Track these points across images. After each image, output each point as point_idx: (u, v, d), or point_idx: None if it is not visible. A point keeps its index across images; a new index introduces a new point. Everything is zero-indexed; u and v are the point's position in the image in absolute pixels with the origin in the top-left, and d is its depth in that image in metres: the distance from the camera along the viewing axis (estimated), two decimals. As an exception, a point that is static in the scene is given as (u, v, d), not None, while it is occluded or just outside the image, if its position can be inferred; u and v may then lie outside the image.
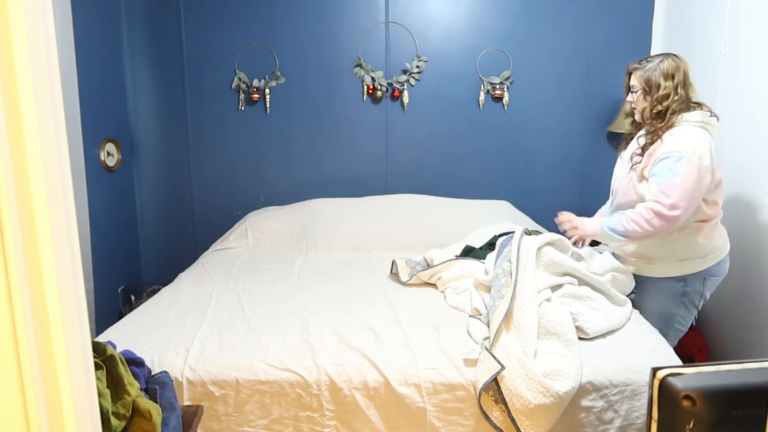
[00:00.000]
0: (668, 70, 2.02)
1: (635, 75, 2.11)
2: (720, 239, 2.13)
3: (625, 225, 2.04)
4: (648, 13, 3.29)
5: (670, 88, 2.01)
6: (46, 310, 0.60)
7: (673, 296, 2.14)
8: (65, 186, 0.64)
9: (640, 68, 2.09)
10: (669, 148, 1.98)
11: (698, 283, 2.12)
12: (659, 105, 2.03)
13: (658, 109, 2.03)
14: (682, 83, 2.02)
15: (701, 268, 2.10)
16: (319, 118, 3.51)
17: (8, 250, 0.57)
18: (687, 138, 1.97)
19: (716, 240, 2.12)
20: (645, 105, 2.08)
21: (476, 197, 3.44)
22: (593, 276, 2.07)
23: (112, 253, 3.35)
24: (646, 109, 2.08)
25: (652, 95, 2.05)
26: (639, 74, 2.08)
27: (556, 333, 1.80)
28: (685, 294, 2.13)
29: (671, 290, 2.14)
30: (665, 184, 1.96)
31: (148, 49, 3.50)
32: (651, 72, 2.05)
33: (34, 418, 0.60)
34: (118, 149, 3.40)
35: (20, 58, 0.57)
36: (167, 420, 1.24)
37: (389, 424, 1.74)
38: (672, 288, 2.14)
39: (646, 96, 2.07)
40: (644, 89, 2.07)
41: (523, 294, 1.89)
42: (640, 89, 2.09)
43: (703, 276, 2.11)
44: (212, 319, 2.10)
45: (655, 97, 2.03)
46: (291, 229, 3.22)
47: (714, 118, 2.03)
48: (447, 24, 3.39)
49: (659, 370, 0.51)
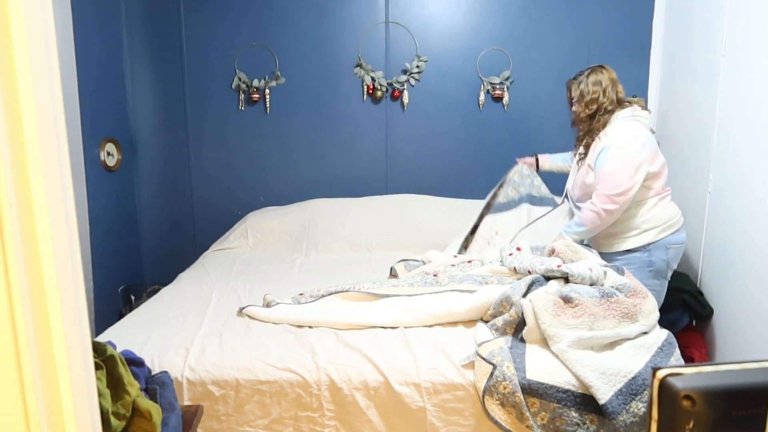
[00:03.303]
0: (596, 78, 2.42)
1: (573, 87, 2.49)
2: (673, 210, 2.43)
3: (582, 218, 2.38)
4: (648, 13, 3.29)
5: (598, 92, 2.40)
6: (46, 310, 0.60)
7: (641, 267, 2.38)
8: (65, 186, 0.64)
9: (575, 81, 2.48)
10: (605, 143, 2.34)
11: (662, 252, 2.39)
12: (588, 108, 2.42)
13: (589, 111, 2.42)
14: (610, 86, 2.40)
15: (661, 237, 2.38)
16: (319, 118, 3.51)
17: (8, 250, 0.57)
18: (619, 132, 2.33)
19: (670, 211, 2.41)
20: (579, 109, 2.46)
21: (476, 197, 3.43)
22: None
23: (112, 253, 3.34)
24: (580, 112, 2.46)
25: (584, 100, 2.43)
26: (575, 86, 2.47)
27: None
28: (651, 264, 2.38)
29: (638, 261, 2.39)
30: (604, 173, 2.31)
31: (148, 49, 3.50)
32: (583, 82, 2.44)
33: (34, 418, 0.60)
34: (118, 149, 3.40)
35: (20, 58, 0.57)
36: (167, 420, 1.24)
37: (389, 424, 1.74)
38: (639, 259, 2.39)
39: (580, 102, 2.45)
40: (579, 97, 2.44)
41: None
42: (577, 98, 2.46)
43: (665, 245, 2.38)
44: (212, 319, 2.10)
45: (586, 102, 2.42)
46: (291, 229, 3.22)
47: (645, 111, 2.41)
48: (447, 24, 3.39)
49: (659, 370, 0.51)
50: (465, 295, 2.07)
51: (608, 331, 1.83)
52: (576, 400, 1.68)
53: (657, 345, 1.82)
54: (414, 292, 2.16)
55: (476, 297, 2.03)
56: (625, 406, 1.63)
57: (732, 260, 2.43)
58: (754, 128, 2.28)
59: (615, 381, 1.66)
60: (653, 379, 0.52)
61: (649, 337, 1.85)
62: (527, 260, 2.19)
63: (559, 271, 2.08)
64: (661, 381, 0.51)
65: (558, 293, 1.93)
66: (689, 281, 2.71)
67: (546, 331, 1.81)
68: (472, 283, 2.15)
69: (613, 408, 1.62)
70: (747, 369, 0.51)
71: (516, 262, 2.20)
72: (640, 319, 1.89)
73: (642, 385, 1.67)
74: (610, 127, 2.38)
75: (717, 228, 2.56)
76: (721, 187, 2.52)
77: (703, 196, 2.65)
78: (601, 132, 2.39)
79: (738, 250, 2.38)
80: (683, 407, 0.49)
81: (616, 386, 1.66)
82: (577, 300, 1.89)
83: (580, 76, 2.47)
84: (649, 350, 1.80)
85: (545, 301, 1.88)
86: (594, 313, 1.86)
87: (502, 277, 2.21)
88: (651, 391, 0.52)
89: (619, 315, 1.88)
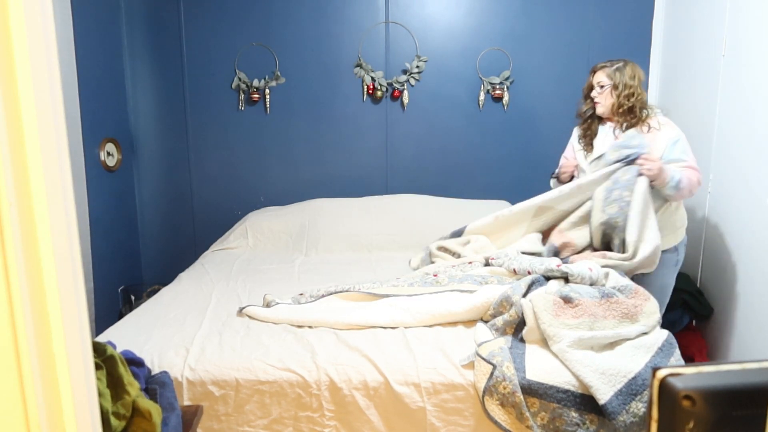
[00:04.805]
0: (633, 72, 2.29)
1: (603, 72, 2.31)
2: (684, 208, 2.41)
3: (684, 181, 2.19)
4: (648, 13, 3.29)
5: (635, 87, 2.27)
6: (46, 310, 0.60)
7: (670, 267, 2.34)
8: (65, 186, 0.64)
9: (608, 66, 2.31)
10: (672, 134, 2.24)
11: (683, 250, 2.37)
12: (627, 101, 2.26)
13: (627, 105, 2.26)
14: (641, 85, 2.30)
15: (683, 235, 2.36)
16: (319, 118, 3.51)
17: (8, 250, 0.57)
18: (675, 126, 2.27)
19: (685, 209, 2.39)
20: (612, 101, 2.30)
21: (476, 197, 3.44)
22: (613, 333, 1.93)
23: (112, 253, 3.34)
24: (614, 104, 2.29)
25: (620, 92, 2.27)
26: (607, 71, 2.30)
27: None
28: (677, 263, 2.35)
29: (669, 261, 2.33)
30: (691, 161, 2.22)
31: (148, 49, 3.50)
32: (619, 71, 2.28)
33: (34, 418, 0.60)
34: (118, 149, 3.40)
35: (20, 58, 0.57)
36: (167, 420, 1.24)
37: (389, 424, 1.74)
38: (670, 259, 2.33)
39: (613, 92, 2.29)
40: (613, 85, 2.28)
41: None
42: (609, 85, 2.29)
43: (684, 243, 2.37)
44: (212, 319, 2.10)
45: (624, 94, 2.26)
46: (291, 229, 3.22)
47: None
48: (447, 24, 3.39)
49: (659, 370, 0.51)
50: (465, 295, 2.07)
51: (608, 331, 1.83)
52: (576, 400, 1.67)
53: (657, 345, 1.82)
54: (414, 292, 2.16)
55: (476, 297, 2.03)
56: (624, 406, 1.63)
57: (732, 260, 2.43)
58: (754, 128, 2.28)
59: (615, 381, 1.66)
60: (653, 379, 0.52)
61: (649, 338, 1.85)
62: (527, 261, 2.19)
63: (559, 271, 2.08)
64: (661, 381, 0.51)
65: (558, 293, 1.93)
66: (689, 281, 2.71)
67: (546, 331, 1.81)
68: (472, 283, 2.15)
69: (612, 408, 1.62)
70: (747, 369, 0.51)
71: (515, 264, 2.20)
72: (641, 319, 1.89)
73: (642, 385, 1.67)
74: (661, 120, 2.29)
75: (717, 228, 2.56)
76: (721, 187, 2.52)
77: (703, 196, 2.65)
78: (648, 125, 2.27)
79: (738, 250, 2.39)
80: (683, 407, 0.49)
81: (615, 386, 1.66)
82: (577, 300, 1.89)
83: (615, 64, 2.31)
84: (649, 350, 1.80)
85: (545, 301, 1.88)
86: (594, 313, 1.86)
87: (502, 277, 2.21)
88: (651, 391, 0.52)
89: (619, 315, 1.88)
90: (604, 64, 2.33)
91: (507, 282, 2.14)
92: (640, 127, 2.28)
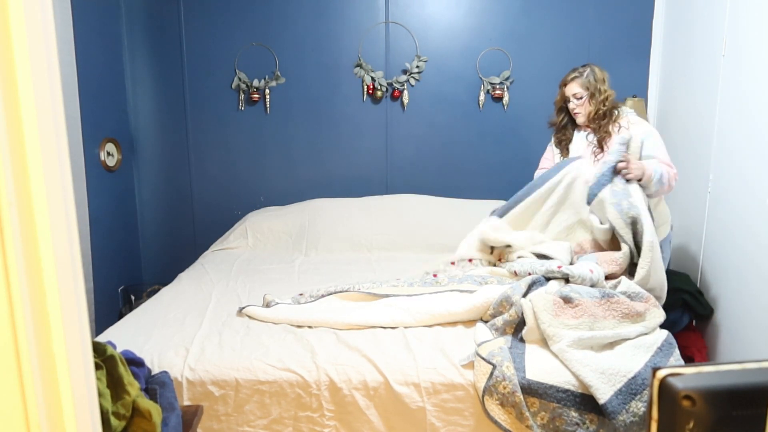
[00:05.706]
0: (600, 74, 2.37)
1: (576, 83, 2.38)
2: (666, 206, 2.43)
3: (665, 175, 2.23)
4: (648, 13, 3.29)
5: (607, 89, 2.36)
6: (46, 310, 0.60)
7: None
8: (65, 186, 0.64)
9: (578, 77, 2.38)
10: (640, 131, 2.30)
11: (668, 247, 2.38)
12: (603, 106, 2.35)
13: (605, 108, 2.36)
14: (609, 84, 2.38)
15: (667, 231, 2.39)
16: (319, 118, 3.51)
17: (8, 250, 0.57)
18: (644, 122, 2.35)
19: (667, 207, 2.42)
20: (591, 108, 2.38)
21: (476, 197, 3.44)
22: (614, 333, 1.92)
23: (112, 253, 3.34)
24: (591, 112, 2.38)
25: (596, 99, 2.35)
26: (581, 82, 2.37)
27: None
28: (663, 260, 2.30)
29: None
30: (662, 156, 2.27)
31: (148, 49, 3.50)
32: (591, 77, 2.36)
33: (34, 418, 0.60)
34: (118, 149, 3.40)
35: (20, 58, 0.57)
36: (167, 420, 1.24)
37: (389, 424, 1.74)
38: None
39: (591, 100, 2.37)
40: (590, 94, 2.36)
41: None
42: (586, 95, 2.37)
43: (669, 240, 2.40)
44: (212, 319, 2.10)
45: (600, 100, 2.35)
46: (291, 229, 3.22)
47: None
48: (447, 24, 3.39)
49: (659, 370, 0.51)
50: (465, 295, 2.07)
51: (608, 331, 1.83)
52: (576, 399, 1.68)
53: (657, 345, 1.82)
54: (414, 292, 2.16)
55: (476, 297, 2.03)
56: (624, 405, 1.63)
57: (732, 260, 2.43)
58: (754, 128, 2.28)
59: (615, 381, 1.67)
60: (653, 379, 0.52)
61: (649, 337, 1.86)
62: (527, 262, 2.19)
63: (559, 272, 2.08)
64: (661, 381, 0.51)
65: (558, 293, 1.93)
66: (689, 281, 2.70)
67: (546, 331, 1.81)
68: (471, 283, 2.15)
69: (612, 408, 1.62)
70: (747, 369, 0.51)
71: (516, 266, 2.20)
72: (647, 318, 1.90)
73: (642, 384, 1.67)
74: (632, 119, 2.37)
75: (717, 228, 2.56)
76: (721, 187, 2.52)
77: (703, 196, 2.65)
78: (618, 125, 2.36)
79: (738, 250, 2.38)
80: (683, 407, 0.49)
81: (615, 386, 1.66)
82: (577, 300, 1.89)
83: (584, 71, 2.39)
84: (648, 350, 1.80)
85: (545, 301, 1.88)
86: (594, 313, 1.86)
87: (502, 277, 2.21)
88: (651, 391, 0.52)
89: (619, 315, 1.89)
90: (574, 74, 2.40)
91: (507, 282, 2.14)
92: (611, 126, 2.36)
